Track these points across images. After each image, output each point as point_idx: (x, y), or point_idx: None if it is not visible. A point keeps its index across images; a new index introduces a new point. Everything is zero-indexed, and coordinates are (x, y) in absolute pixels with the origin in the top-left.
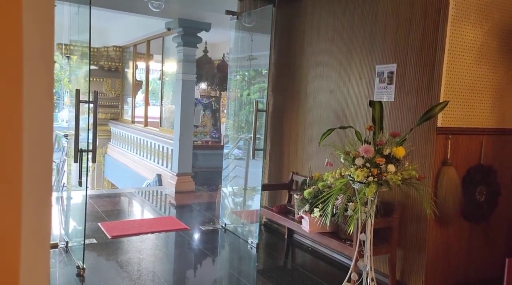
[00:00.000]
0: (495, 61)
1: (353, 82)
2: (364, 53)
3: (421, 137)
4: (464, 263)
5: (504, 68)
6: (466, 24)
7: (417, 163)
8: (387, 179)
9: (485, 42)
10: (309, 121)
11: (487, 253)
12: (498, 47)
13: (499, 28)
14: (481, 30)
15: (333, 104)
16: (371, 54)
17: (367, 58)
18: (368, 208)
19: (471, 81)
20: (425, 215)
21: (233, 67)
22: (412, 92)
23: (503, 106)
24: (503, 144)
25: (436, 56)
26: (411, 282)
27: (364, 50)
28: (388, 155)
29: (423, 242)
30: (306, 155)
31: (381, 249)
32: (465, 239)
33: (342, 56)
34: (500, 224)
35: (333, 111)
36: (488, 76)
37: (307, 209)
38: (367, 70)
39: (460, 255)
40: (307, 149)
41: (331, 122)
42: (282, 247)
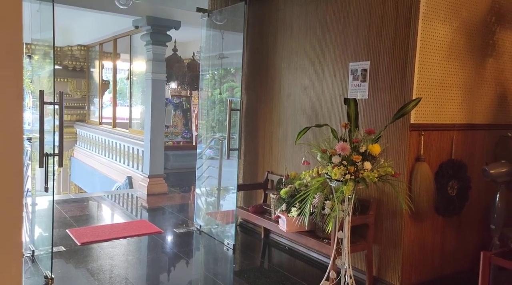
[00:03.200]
0: (464, 58)
1: (327, 79)
2: (337, 50)
3: (395, 134)
4: (438, 257)
5: (472, 64)
6: (436, 22)
7: (392, 159)
8: (364, 177)
9: (454, 40)
10: (284, 119)
11: (459, 246)
12: (467, 44)
13: (467, 26)
14: (450, 27)
15: (307, 102)
16: (344, 51)
17: (340, 55)
18: (346, 206)
19: (442, 77)
20: (400, 211)
21: (204, 66)
22: (385, 89)
23: (472, 102)
24: (472, 139)
25: (408, 53)
26: (388, 277)
27: (337, 47)
28: (364, 153)
29: (398, 238)
30: (281, 153)
31: (358, 246)
32: (438, 233)
33: (316, 53)
34: (471, 217)
35: (308, 109)
36: (457, 73)
37: (284, 209)
38: (341, 68)
39: (434, 249)
40: (282, 147)
41: (306, 120)
42: (259, 247)
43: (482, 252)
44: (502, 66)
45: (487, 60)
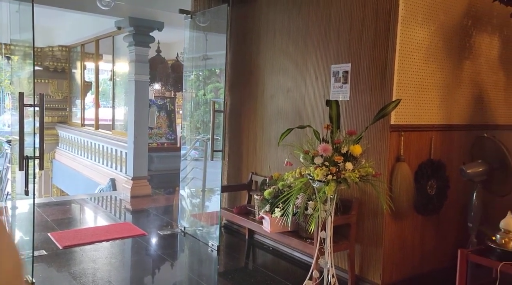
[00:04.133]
0: (441, 60)
1: (310, 81)
2: (319, 53)
3: (376, 135)
4: (418, 255)
5: (450, 67)
6: (414, 25)
7: (373, 160)
8: (345, 177)
9: (432, 42)
10: (267, 120)
11: (438, 244)
12: (444, 47)
13: (445, 29)
14: (428, 30)
15: (290, 104)
16: (326, 54)
17: (322, 58)
18: (328, 206)
19: (420, 79)
20: (381, 211)
21: (188, 67)
22: (366, 90)
23: (450, 103)
24: (450, 139)
25: (388, 55)
26: (370, 276)
27: (319, 50)
28: (345, 153)
29: (379, 237)
30: (265, 155)
31: (340, 245)
32: (418, 231)
33: (298, 56)
34: (450, 216)
35: (291, 110)
36: (435, 75)
37: (267, 209)
38: (323, 70)
39: (414, 247)
40: (265, 149)
41: (289, 122)
42: (243, 248)
43: (460, 249)
44: (479, 68)
45: (464, 62)
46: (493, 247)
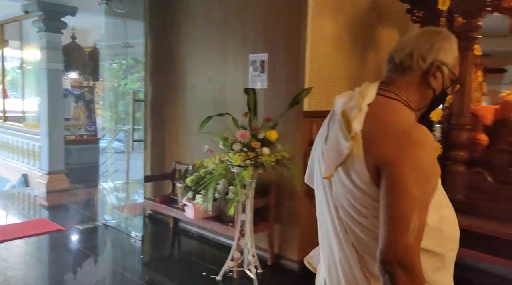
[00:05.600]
0: (348, 51)
1: (230, 70)
2: (238, 42)
3: (291, 121)
4: None
5: (356, 57)
6: (323, 18)
7: (289, 145)
8: (262, 161)
9: (340, 34)
10: (189, 109)
11: None
12: (351, 39)
13: (351, 21)
14: (336, 23)
15: (212, 92)
16: (244, 44)
17: (241, 47)
18: (247, 189)
19: (330, 69)
20: (297, 192)
21: (106, 55)
22: (282, 79)
23: None
24: None
25: (300, 46)
26: (288, 254)
27: (238, 39)
28: (263, 139)
29: (296, 217)
30: (187, 143)
31: (260, 226)
32: None
33: (218, 44)
34: None
35: (212, 99)
36: (343, 65)
37: (190, 196)
38: (242, 59)
39: None
40: (188, 137)
41: (211, 110)
42: (168, 237)
43: None
44: (381, 58)
45: (369, 53)
46: None
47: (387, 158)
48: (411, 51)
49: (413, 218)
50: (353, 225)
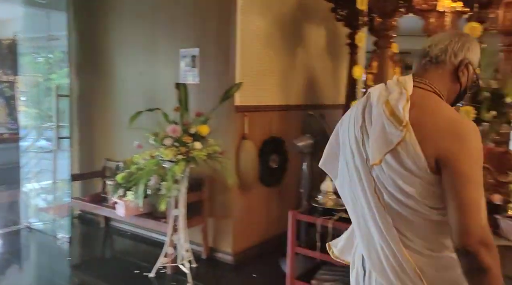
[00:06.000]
0: (278, 47)
1: (161, 64)
2: (169, 36)
3: (223, 116)
4: (265, 222)
5: (285, 53)
6: (252, 14)
7: (220, 139)
8: (194, 156)
9: (269, 31)
10: (119, 104)
11: (281, 210)
12: (280, 36)
13: (280, 19)
14: (265, 20)
15: (143, 87)
16: (175, 38)
17: (172, 42)
18: (179, 184)
19: (261, 64)
20: (230, 185)
21: (28, 48)
22: (213, 74)
23: (287, 85)
24: (288, 118)
25: (231, 42)
26: (222, 247)
27: (169, 33)
28: (194, 134)
29: (229, 210)
30: (119, 139)
31: (194, 221)
32: (264, 201)
33: (149, 38)
34: (290, 185)
35: (143, 94)
36: (273, 61)
37: (121, 194)
38: (173, 53)
39: (261, 216)
40: (119, 133)
41: (142, 105)
42: (99, 237)
43: (290, 211)
44: (309, 55)
45: (298, 49)
46: (316, 206)
47: (449, 153)
48: (446, 47)
49: (482, 201)
50: (397, 205)
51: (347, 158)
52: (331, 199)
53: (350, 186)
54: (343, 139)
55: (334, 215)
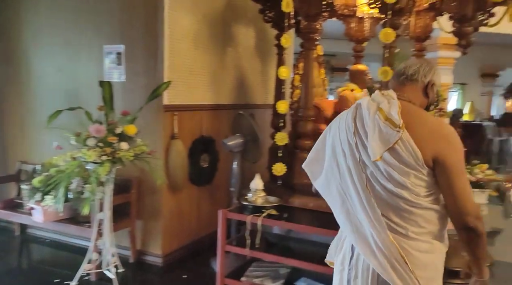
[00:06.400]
0: (208, 46)
1: (83, 61)
2: (92, 32)
3: (151, 115)
4: (195, 222)
5: (216, 52)
6: (182, 12)
7: (148, 139)
8: (120, 157)
9: (199, 29)
10: (36, 103)
11: (212, 210)
12: (210, 35)
13: (209, 18)
14: (195, 18)
15: (63, 84)
16: (99, 34)
17: (95, 37)
18: (104, 187)
19: (190, 63)
20: (159, 186)
21: None
22: (141, 73)
23: (217, 85)
24: (219, 117)
25: (158, 40)
26: (151, 249)
27: (92, 29)
28: (120, 134)
29: (159, 211)
30: (35, 141)
31: (121, 224)
32: (194, 201)
33: (70, 32)
34: (221, 184)
35: (64, 92)
36: (203, 59)
37: (38, 199)
38: (97, 50)
39: (191, 216)
40: (36, 134)
41: (62, 104)
42: (14, 246)
43: (220, 210)
44: (239, 55)
45: (227, 49)
46: (246, 204)
47: (443, 152)
48: (418, 69)
49: (469, 185)
50: (387, 196)
51: (339, 159)
52: (261, 197)
53: (340, 184)
54: (333, 143)
55: (263, 212)
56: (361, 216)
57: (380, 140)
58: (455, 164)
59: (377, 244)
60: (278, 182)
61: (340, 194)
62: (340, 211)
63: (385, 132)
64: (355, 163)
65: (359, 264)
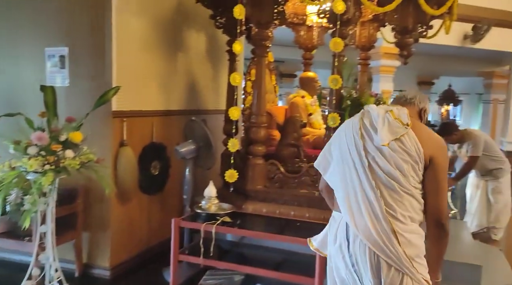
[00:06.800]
0: (158, 50)
1: (23, 64)
2: (33, 33)
3: (99, 121)
4: (146, 231)
5: (166, 57)
6: (129, 15)
7: (96, 146)
8: (65, 165)
9: (148, 33)
10: None
11: (164, 218)
12: (160, 38)
13: (159, 21)
14: (143, 21)
15: (1, 89)
16: (40, 34)
17: (36, 38)
18: (47, 198)
19: (140, 68)
20: (108, 195)
21: None
22: (87, 77)
23: (168, 90)
24: (169, 123)
25: (106, 42)
26: (99, 261)
27: (33, 29)
28: (65, 141)
29: (107, 221)
30: None
31: (65, 236)
32: (145, 210)
33: (6, 33)
34: (173, 191)
35: (2, 97)
36: (153, 64)
37: None
38: (38, 52)
39: (142, 225)
40: None
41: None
42: None
43: (173, 219)
44: (190, 60)
45: (178, 54)
46: (199, 212)
47: (437, 155)
48: (415, 95)
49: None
50: (389, 184)
51: (344, 156)
52: (214, 204)
53: (344, 175)
54: (341, 145)
55: (217, 219)
56: (360, 200)
57: (389, 131)
58: (443, 164)
59: (374, 223)
60: (230, 189)
61: (344, 182)
62: (342, 197)
63: (394, 126)
64: (361, 160)
65: (356, 249)
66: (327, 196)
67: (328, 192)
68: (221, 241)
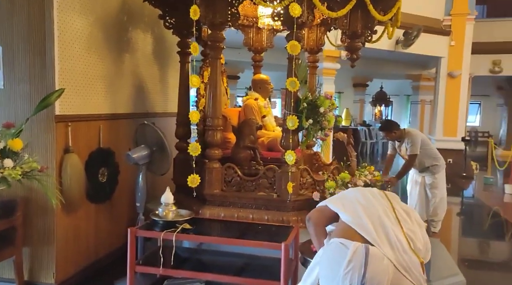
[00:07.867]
0: (103, 51)
1: None
2: None
3: (40, 127)
4: (94, 242)
5: (111, 58)
6: (72, 14)
7: (39, 154)
8: (4, 176)
9: (92, 33)
10: None
11: (113, 227)
12: (104, 39)
13: (103, 21)
14: (87, 21)
15: None
16: None
17: None
18: None
19: (84, 69)
20: (51, 206)
21: None
22: (24, 79)
23: (115, 93)
24: (117, 127)
25: (47, 42)
26: (42, 278)
27: None
28: (3, 149)
29: (51, 234)
30: None
31: (4, 253)
32: (92, 220)
33: None
34: (122, 199)
35: None
36: (98, 65)
37: None
38: None
39: (89, 236)
40: None
41: None
42: None
43: (129, 228)
44: (137, 61)
45: (124, 55)
46: (157, 220)
47: None
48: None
49: None
50: None
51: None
52: (172, 211)
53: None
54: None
55: (177, 227)
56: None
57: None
58: None
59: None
60: (193, 194)
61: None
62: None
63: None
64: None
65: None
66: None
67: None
68: (178, 248)
